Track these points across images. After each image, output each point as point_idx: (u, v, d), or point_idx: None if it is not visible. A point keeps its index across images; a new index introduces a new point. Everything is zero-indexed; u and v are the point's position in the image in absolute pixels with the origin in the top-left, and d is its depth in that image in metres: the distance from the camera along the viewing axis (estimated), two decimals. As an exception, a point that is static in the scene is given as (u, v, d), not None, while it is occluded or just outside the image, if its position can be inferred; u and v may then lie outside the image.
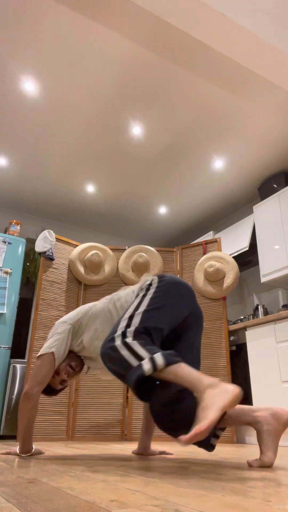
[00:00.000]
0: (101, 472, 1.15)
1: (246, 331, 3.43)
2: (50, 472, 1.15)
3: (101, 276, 3.69)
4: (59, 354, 1.69)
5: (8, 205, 5.01)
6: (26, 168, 4.24)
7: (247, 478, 1.05)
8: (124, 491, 0.83)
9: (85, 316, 1.77)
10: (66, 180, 4.47)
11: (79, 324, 1.77)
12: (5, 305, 3.62)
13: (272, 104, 3.28)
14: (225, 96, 3.24)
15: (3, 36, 2.74)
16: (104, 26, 2.65)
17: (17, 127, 3.62)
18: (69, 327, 1.74)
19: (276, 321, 3.17)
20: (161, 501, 0.72)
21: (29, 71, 3.03)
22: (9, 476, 1.08)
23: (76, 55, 2.89)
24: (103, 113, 3.45)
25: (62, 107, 3.38)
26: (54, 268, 3.57)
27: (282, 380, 3.00)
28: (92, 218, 5.32)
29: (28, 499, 0.75)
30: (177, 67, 2.96)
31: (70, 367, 1.75)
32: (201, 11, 2.46)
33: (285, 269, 3.71)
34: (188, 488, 0.87)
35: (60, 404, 3.22)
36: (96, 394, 3.34)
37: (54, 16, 2.60)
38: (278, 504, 0.70)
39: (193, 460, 1.57)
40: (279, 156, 4.01)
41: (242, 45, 2.67)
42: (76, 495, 0.79)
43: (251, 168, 4.21)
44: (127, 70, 3.00)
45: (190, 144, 3.82)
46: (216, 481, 0.98)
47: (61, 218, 5.36)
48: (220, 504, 0.70)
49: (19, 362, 3.50)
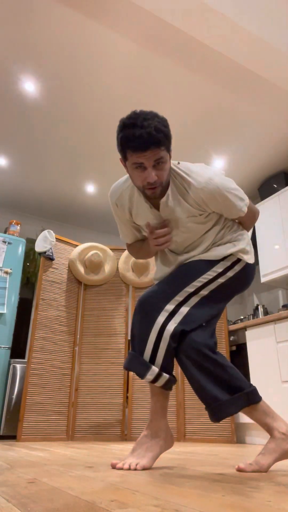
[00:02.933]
0: (101, 472, 1.15)
1: (246, 331, 3.43)
2: (50, 472, 1.15)
3: (101, 276, 3.69)
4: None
5: (8, 205, 5.00)
6: (26, 168, 4.24)
7: (247, 478, 1.05)
8: (124, 491, 0.83)
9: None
10: (66, 180, 4.47)
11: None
12: (5, 305, 3.62)
13: (272, 104, 3.28)
14: (225, 96, 3.24)
15: (3, 36, 2.74)
16: (104, 26, 2.65)
17: (17, 127, 3.62)
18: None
19: (276, 321, 3.16)
20: (161, 501, 0.72)
21: (29, 71, 3.02)
22: (9, 476, 1.08)
23: (76, 55, 2.89)
24: (103, 113, 3.45)
25: (62, 107, 3.38)
26: (54, 268, 3.57)
27: (282, 380, 3.00)
28: (92, 218, 5.32)
29: (28, 499, 0.75)
30: (177, 67, 2.96)
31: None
32: (201, 11, 2.46)
33: (285, 269, 3.70)
34: (188, 488, 0.87)
35: (60, 404, 3.22)
36: (96, 394, 3.34)
37: (54, 16, 2.60)
38: (278, 504, 0.70)
39: (193, 460, 1.57)
40: (279, 156, 4.01)
41: (242, 45, 2.67)
42: (76, 495, 0.79)
43: (251, 168, 4.21)
44: (128, 69, 3.00)
45: (190, 144, 3.82)
46: (216, 481, 0.98)
47: (61, 218, 5.36)
48: (220, 504, 0.70)
49: (19, 362, 3.50)
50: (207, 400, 1.24)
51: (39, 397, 3.12)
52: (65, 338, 3.43)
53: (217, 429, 3.13)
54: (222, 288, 1.35)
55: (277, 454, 1.22)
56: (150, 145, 1.18)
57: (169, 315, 1.27)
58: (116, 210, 1.44)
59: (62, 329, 3.44)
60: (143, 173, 1.23)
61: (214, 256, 1.36)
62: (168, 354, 1.27)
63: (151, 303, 1.30)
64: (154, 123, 1.19)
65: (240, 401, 1.22)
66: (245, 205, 1.35)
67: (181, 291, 1.31)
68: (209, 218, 1.37)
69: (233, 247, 1.37)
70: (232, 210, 1.34)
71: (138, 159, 1.21)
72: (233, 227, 1.43)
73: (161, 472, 1.18)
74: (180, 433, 3.20)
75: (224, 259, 1.36)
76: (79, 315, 3.63)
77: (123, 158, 1.27)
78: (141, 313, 1.31)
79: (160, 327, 1.26)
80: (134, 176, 1.27)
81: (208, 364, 1.23)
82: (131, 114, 1.22)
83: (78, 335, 3.54)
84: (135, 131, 1.18)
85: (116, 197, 1.41)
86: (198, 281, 1.32)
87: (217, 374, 1.23)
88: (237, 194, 1.32)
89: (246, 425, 3.22)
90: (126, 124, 1.21)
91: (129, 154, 1.23)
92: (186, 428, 3.21)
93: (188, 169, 1.32)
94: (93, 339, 3.54)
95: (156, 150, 1.19)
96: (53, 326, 3.39)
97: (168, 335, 1.25)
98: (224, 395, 1.22)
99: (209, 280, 1.33)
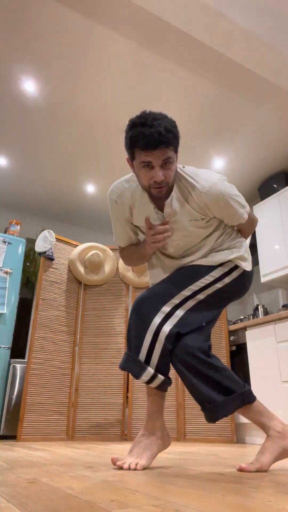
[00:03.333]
0: (101, 472, 1.15)
1: (246, 331, 3.43)
2: (50, 472, 1.15)
3: (101, 276, 3.69)
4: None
5: (8, 205, 5.00)
6: (26, 168, 4.24)
7: (247, 478, 1.05)
8: (124, 491, 0.83)
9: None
10: (66, 180, 4.47)
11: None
12: (5, 305, 3.62)
13: (272, 104, 3.28)
14: (225, 96, 3.24)
15: (4, 36, 2.74)
16: (104, 26, 2.64)
17: (17, 127, 3.62)
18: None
19: (276, 321, 3.16)
20: (161, 501, 0.72)
21: (29, 71, 3.02)
22: (9, 476, 1.08)
23: (76, 55, 2.89)
24: (103, 112, 3.45)
25: (62, 107, 3.38)
26: (54, 268, 3.57)
27: (282, 380, 3.00)
28: (92, 218, 5.32)
29: (28, 499, 0.75)
30: (177, 67, 2.96)
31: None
32: (201, 11, 2.46)
33: (285, 269, 3.70)
34: (188, 488, 0.87)
35: (60, 404, 3.22)
36: (96, 394, 3.34)
37: (54, 17, 2.60)
38: (278, 504, 0.70)
39: (193, 460, 1.57)
40: (279, 156, 4.01)
41: (242, 45, 2.67)
42: (76, 495, 0.79)
43: (251, 168, 4.21)
44: (127, 69, 3.00)
45: (190, 144, 3.82)
46: (216, 481, 0.98)
47: (61, 218, 5.36)
48: (220, 504, 0.70)
49: (19, 362, 3.50)
50: (202, 402, 1.25)
51: (39, 397, 3.12)
52: (65, 338, 3.43)
53: (217, 429, 3.13)
54: (219, 293, 1.36)
55: (276, 453, 1.23)
56: (159, 144, 1.19)
57: (165, 316, 1.28)
58: (114, 208, 1.43)
59: (62, 329, 3.44)
60: (150, 172, 1.24)
61: (212, 262, 1.37)
62: (164, 356, 1.28)
63: (148, 304, 1.31)
64: (164, 123, 1.20)
65: (235, 401, 1.23)
66: (246, 212, 1.37)
67: (178, 294, 1.32)
68: (210, 223, 1.38)
69: (231, 254, 1.38)
70: (233, 217, 1.35)
71: (147, 157, 1.21)
72: (232, 234, 1.44)
73: (161, 472, 1.18)
74: (180, 433, 3.20)
75: (222, 265, 1.37)
76: (79, 315, 3.63)
77: (131, 156, 1.28)
78: (137, 314, 1.32)
79: (156, 328, 1.27)
80: (141, 175, 1.27)
81: (202, 367, 1.24)
82: (141, 114, 1.24)
83: (78, 335, 3.54)
84: (145, 129, 1.19)
85: (117, 194, 1.40)
86: (195, 285, 1.33)
87: (211, 377, 1.24)
88: (239, 201, 1.34)
89: (246, 425, 3.22)
90: (136, 123, 1.22)
91: (137, 153, 1.23)
92: (186, 428, 3.21)
93: (193, 173, 1.33)
94: (93, 339, 3.54)
95: (164, 149, 1.20)
96: (53, 326, 3.39)
97: (163, 337, 1.26)
98: (219, 396, 1.23)
99: (207, 285, 1.34)
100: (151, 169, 1.23)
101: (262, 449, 1.23)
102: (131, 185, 1.38)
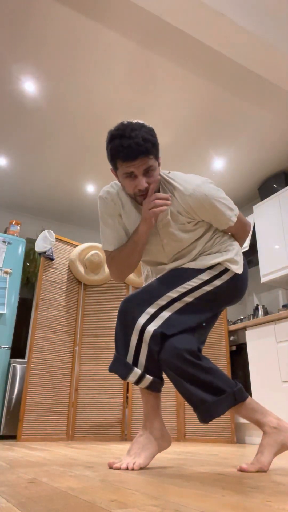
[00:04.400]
0: (101, 472, 1.15)
1: (246, 331, 3.43)
2: (50, 472, 1.15)
3: (101, 276, 3.69)
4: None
5: (8, 205, 5.00)
6: (26, 168, 4.24)
7: (247, 478, 1.05)
8: (124, 491, 0.83)
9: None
10: (66, 180, 4.47)
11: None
12: (5, 305, 3.62)
13: (272, 104, 3.28)
14: (225, 96, 3.24)
15: (4, 36, 2.74)
16: (104, 26, 2.64)
17: (17, 127, 3.62)
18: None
19: (276, 321, 3.16)
20: (161, 501, 0.72)
21: (29, 71, 3.02)
22: (9, 476, 1.08)
23: (76, 55, 2.89)
24: (103, 112, 3.45)
25: (62, 107, 3.38)
26: (54, 268, 3.57)
27: (282, 380, 3.00)
28: (92, 218, 5.32)
29: (28, 499, 0.75)
30: (177, 67, 2.96)
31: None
32: (200, 11, 2.46)
33: (285, 269, 3.70)
34: (188, 488, 0.87)
35: (60, 404, 3.22)
36: (96, 394, 3.34)
37: (54, 17, 2.60)
38: (278, 504, 0.70)
39: (193, 460, 1.57)
40: (279, 156, 4.01)
41: (242, 45, 2.67)
42: (76, 495, 0.79)
43: (251, 168, 4.21)
44: (127, 70, 3.00)
45: (190, 144, 3.82)
46: (216, 481, 0.98)
47: (61, 218, 5.36)
48: (220, 504, 0.70)
49: (19, 362, 3.50)
50: (194, 403, 1.25)
51: (39, 397, 3.12)
52: (65, 338, 3.43)
53: (217, 429, 3.13)
54: (208, 296, 1.35)
55: (274, 449, 1.23)
56: (139, 155, 1.22)
57: (150, 317, 1.28)
58: (107, 205, 1.40)
59: (62, 329, 3.44)
60: (134, 181, 1.27)
61: (201, 265, 1.37)
62: (151, 356, 1.28)
63: (133, 306, 1.32)
64: (142, 133, 1.23)
65: (227, 401, 1.23)
66: (234, 215, 1.37)
67: (164, 295, 1.32)
68: (198, 226, 1.38)
69: (220, 257, 1.37)
70: (220, 219, 1.35)
71: (128, 168, 1.25)
72: (224, 237, 1.43)
73: (161, 472, 1.18)
74: (180, 433, 3.20)
75: (211, 268, 1.37)
76: (79, 315, 3.63)
77: (114, 168, 1.32)
78: (123, 315, 1.32)
79: (140, 329, 1.27)
80: (126, 185, 1.31)
81: (191, 369, 1.23)
82: (119, 126, 1.28)
83: (78, 335, 3.54)
84: (124, 141, 1.22)
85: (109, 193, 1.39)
86: (182, 287, 1.33)
87: (201, 378, 1.23)
88: (225, 203, 1.34)
89: (246, 425, 3.22)
90: (114, 135, 1.26)
91: (119, 164, 1.27)
92: (186, 428, 3.21)
93: (178, 177, 1.36)
94: (93, 339, 3.54)
95: (144, 159, 1.23)
96: (53, 326, 3.39)
97: (148, 337, 1.26)
98: (210, 397, 1.23)
99: (194, 287, 1.34)
100: (135, 179, 1.27)
101: (261, 448, 1.24)
102: (121, 187, 1.40)
